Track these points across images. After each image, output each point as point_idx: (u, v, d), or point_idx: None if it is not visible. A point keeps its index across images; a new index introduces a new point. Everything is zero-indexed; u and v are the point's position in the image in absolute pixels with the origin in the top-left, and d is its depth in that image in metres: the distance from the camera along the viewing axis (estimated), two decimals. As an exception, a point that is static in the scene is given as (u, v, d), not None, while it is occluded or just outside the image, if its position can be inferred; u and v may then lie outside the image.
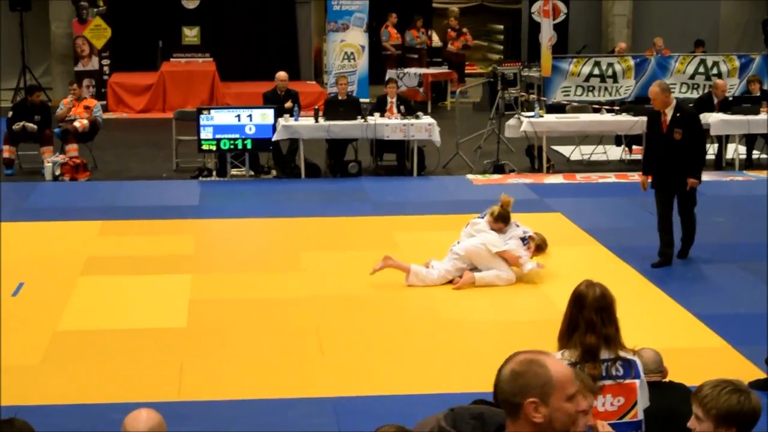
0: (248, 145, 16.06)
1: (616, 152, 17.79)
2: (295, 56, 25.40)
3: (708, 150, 14.60)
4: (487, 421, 3.45)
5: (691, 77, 19.72)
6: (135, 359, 8.73)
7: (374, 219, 13.68)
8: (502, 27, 29.33)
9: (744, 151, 17.40)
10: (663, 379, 5.95)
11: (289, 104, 16.79)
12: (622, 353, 5.23)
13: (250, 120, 16.02)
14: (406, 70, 23.40)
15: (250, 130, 15.99)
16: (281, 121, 16.05)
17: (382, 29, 24.32)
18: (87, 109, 17.00)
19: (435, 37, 26.10)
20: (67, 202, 14.56)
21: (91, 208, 14.09)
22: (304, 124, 16.18)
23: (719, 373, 4.55)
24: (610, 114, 17.57)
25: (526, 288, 10.70)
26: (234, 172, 16.33)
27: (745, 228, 13.09)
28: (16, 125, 16.40)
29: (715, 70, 19.73)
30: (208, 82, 22.74)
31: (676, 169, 11.16)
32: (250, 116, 16.05)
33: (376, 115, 16.50)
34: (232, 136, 15.96)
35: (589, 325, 5.24)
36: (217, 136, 15.94)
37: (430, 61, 24.94)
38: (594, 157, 17.68)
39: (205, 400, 7.89)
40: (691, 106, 13.12)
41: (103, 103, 21.25)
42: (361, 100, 18.28)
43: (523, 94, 21.10)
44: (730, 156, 17.29)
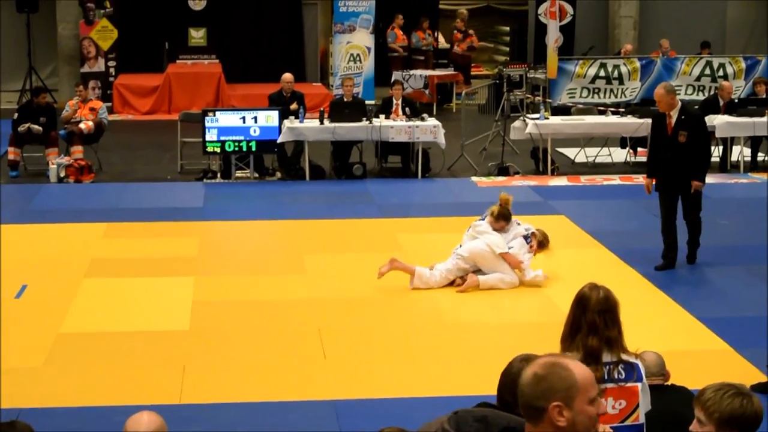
0: (253, 147, 16.06)
1: (621, 154, 17.77)
2: (301, 58, 25.39)
3: (713, 152, 14.56)
4: (491, 424, 3.44)
5: (697, 79, 19.66)
6: (137, 362, 8.73)
7: (379, 221, 13.68)
8: (508, 29, 29.30)
9: (749, 154, 17.38)
10: (665, 383, 5.93)
11: (294, 106, 16.79)
12: (625, 356, 5.21)
13: (255, 122, 16.03)
14: (412, 72, 23.38)
15: (255, 132, 15.99)
16: (286, 123, 16.05)
17: (388, 31, 24.31)
18: (92, 110, 17.01)
19: (441, 39, 26.09)
20: (71, 204, 14.57)
21: (96, 210, 14.10)
22: (309, 126, 16.18)
23: (721, 377, 4.53)
24: (616, 116, 17.56)
25: (529, 290, 10.69)
26: (239, 174, 16.33)
27: (749, 230, 13.06)
28: (22, 127, 16.41)
29: (721, 72, 19.66)
30: (214, 84, 22.75)
31: (681, 172, 11.13)
32: (255, 118, 16.06)
33: (382, 117, 16.50)
34: (237, 138, 15.97)
35: (592, 328, 5.23)
36: (222, 138, 15.95)
37: (436, 62, 24.92)
38: (599, 160, 17.67)
39: (208, 403, 7.89)
40: (697, 108, 13.10)
41: (109, 104, 21.27)
42: (367, 102, 18.28)
43: (529, 96, 21.07)
44: (735, 158, 17.26)
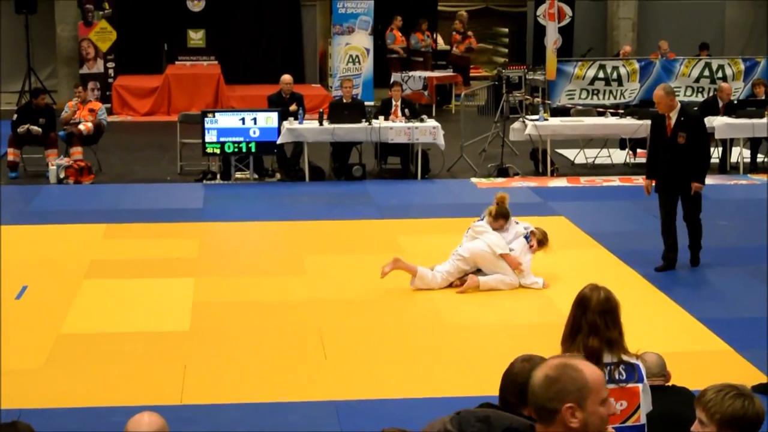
0: (252, 148, 16.06)
1: (621, 156, 17.78)
2: (300, 59, 25.40)
3: (712, 153, 14.57)
4: (493, 424, 3.44)
5: (696, 80, 19.69)
6: (138, 362, 8.73)
7: (378, 222, 13.68)
8: (507, 30, 29.30)
9: (748, 155, 17.39)
10: (666, 383, 5.94)
11: (293, 107, 16.80)
12: (625, 357, 5.21)
13: (255, 123, 16.03)
14: (411, 74, 23.39)
15: (254, 133, 16.00)
16: (286, 124, 16.05)
17: (387, 32, 24.31)
18: (92, 112, 17.01)
19: (440, 41, 26.09)
20: (71, 205, 14.56)
21: (95, 211, 14.10)
22: (309, 127, 16.18)
23: (722, 377, 4.54)
24: (615, 117, 17.57)
25: (529, 292, 10.69)
26: (238, 175, 16.33)
27: (748, 231, 13.07)
28: (21, 128, 16.41)
29: (720, 74, 19.69)
30: (213, 85, 22.75)
31: (680, 173, 11.14)
32: (255, 119, 16.06)
33: (381, 118, 16.50)
34: (237, 139, 15.97)
35: (593, 328, 5.24)
36: (222, 139, 15.95)
37: (435, 64, 24.93)
38: (598, 161, 17.68)
39: (208, 404, 7.89)
40: (696, 110, 13.10)
41: (108, 106, 21.28)
42: (366, 103, 18.30)
43: (528, 97, 21.08)
44: (734, 159, 17.27)
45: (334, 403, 7.86)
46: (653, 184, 11.48)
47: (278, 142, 16.03)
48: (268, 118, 16.11)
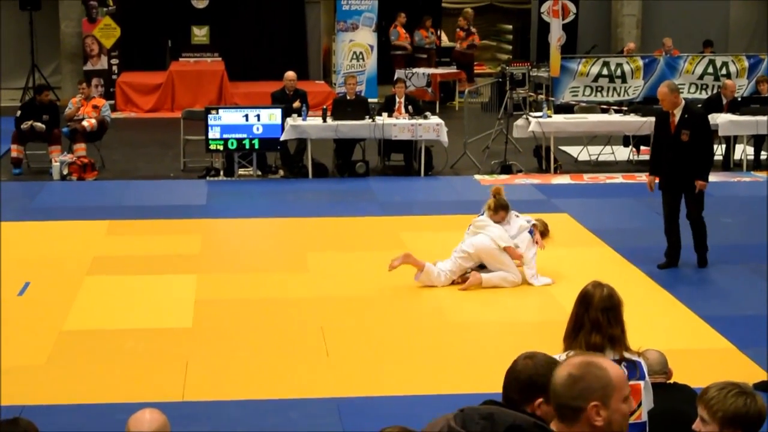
0: (256, 144, 16.06)
1: (624, 153, 17.75)
2: (304, 56, 25.40)
3: (715, 151, 14.56)
4: (497, 422, 3.43)
5: (700, 78, 19.68)
6: (140, 359, 8.73)
7: (381, 219, 13.68)
8: (511, 27, 29.30)
9: (752, 152, 17.36)
10: (668, 381, 5.93)
11: (297, 104, 16.79)
12: (627, 354, 5.21)
13: (258, 120, 16.03)
14: (415, 70, 23.37)
15: (257, 129, 15.99)
16: (289, 121, 16.04)
17: (391, 29, 24.30)
18: (95, 108, 17.01)
19: (444, 37, 26.07)
20: (74, 201, 14.57)
21: (99, 207, 14.10)
22: (312, 124, 16.17)
23: (724, 375, 4.54)
24: (619, 114, 17.55)
25: (532, 289, 10.68)
26: (241, 171, 16.33)
27: (752, 229, 13.05)
28: (25, 124, 16.41)
29: (724, 71, 19.68)
30: (217, 82, 22.75)
31: (684, 171, 11.12)
32: (258, 116, 16.06)
33: (384, 115, 16.49)
34: (240, 136, 15.97)
35: (595, 325, 5.24)
36: (225, 136, 15.95)
37: (439, 61, 24.92)
38: (602, 158, 17.66)
39: (210, 401, 7.89)
40: (700, 107, 13.08)
41: (112, 102, 21.27)
42: (370, 100, 18.27)
43: (532, 94, 21.07)
44: (738, 157, 17.25)
45: (336, 400, 7.85)
46: (656, 181, 11.46)
47: (281, 138, 16.03)
48: (272, 115, 16.11)
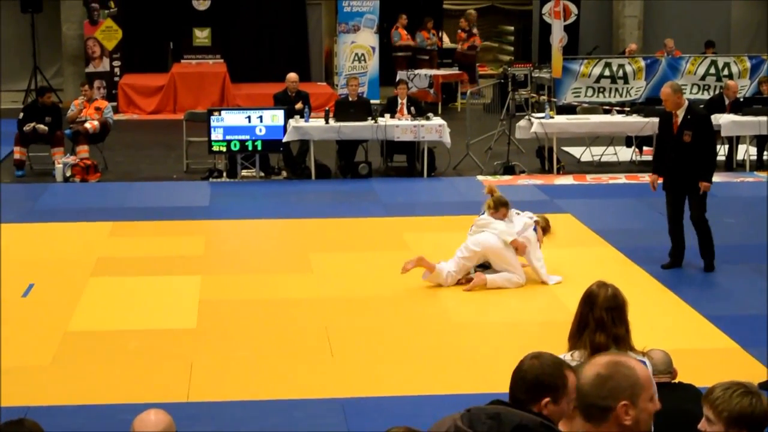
0: (258, 146, 16.07)
1: (627, 153, 17.76)
2: (306, 57, 25.41)
3: (719, 151, 14.55)
4: (504, 421, 3.45)
5: (702, 78, 19.66)
6: (145, 360, 8.73)
7: (384, 220, 13.68)
8: (512, 28, 29.31)
9: (755, 152, 17.37)
10: (672, 380, 5.93)
11: (299, 105, 16.80)
12: (632, 354, 5.21)
13: (261, 121, 16.04)
14: (417, 72, 23.39)
15: (260, 131, 16.00)
16: (292, 123, 16.05)
17: (392, 30, 24.32)
18: (98, 110, 17.03)
19: (446, 39, 26.08)
20: (77, 203, 14.58)
21: (102, 209, 14.11)
22: (315, 126, 16.18)
23: (729, 375, 4.54)
24: (621, 115, 17.55)
25: (536, 289, 10.68)
26: (244, 173, 16.34)
27: (755, 229, 13.04)
28: (27, 126, 16.42)
29: (726, 71, 19.66)
30: (219, 84, 22.77)
31: (687, 172, 11.11)
32: (261, 117, 16.07)
33: (387, 116, 16.50)
34: (243, 138, 15.98)
35: (599, 325, 5.25)
36: (228, 138, 15.96)
37: (441, 62, 24.92)
38: (604, 159, 17.66)
39: (215, 401, 7.89)
40: (702, 107, 13.08)
41: (114, 104, 21.30)
42: (372, 102, 18.27)
43: (534, 95, 21.07)
44: (740, 157, 17.25)
45: (341, 400, 7.85)
46: (660, 181, 11.47)
47: (284, 140, 16.03)
48: (274, 116, 16.12)
